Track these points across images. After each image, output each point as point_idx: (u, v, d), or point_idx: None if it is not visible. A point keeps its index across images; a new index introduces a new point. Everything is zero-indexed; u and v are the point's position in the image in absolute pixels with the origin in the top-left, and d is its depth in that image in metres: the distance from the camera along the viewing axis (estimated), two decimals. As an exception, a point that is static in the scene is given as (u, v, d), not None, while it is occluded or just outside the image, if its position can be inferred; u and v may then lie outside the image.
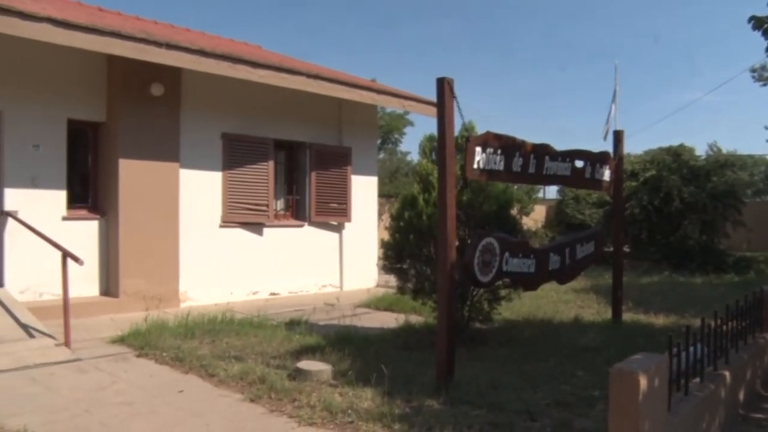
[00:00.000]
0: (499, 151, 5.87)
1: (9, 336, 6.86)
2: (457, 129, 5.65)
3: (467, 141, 5.57)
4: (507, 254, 5.84)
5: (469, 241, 5.80)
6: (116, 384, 5.58)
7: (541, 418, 4.59)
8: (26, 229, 8.20)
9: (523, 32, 68.08)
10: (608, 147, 8.53)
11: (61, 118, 9.09)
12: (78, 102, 9.25)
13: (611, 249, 8.87)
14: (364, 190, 12.68)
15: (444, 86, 5.36)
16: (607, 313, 8.82)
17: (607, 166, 8.01)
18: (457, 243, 5.63)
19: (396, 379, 5.31)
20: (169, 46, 8.72)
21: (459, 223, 5.66)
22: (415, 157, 34.32)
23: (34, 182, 8.77)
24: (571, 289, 11.08)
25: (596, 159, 7.76)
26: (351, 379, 5.35)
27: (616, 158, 8.29)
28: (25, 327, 7.15)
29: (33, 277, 8.61)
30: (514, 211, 7.80)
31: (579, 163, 7.39)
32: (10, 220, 8.49)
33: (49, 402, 5.09)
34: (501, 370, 5.93)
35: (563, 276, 7.12)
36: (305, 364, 5.65)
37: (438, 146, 5.51)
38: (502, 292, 7.39)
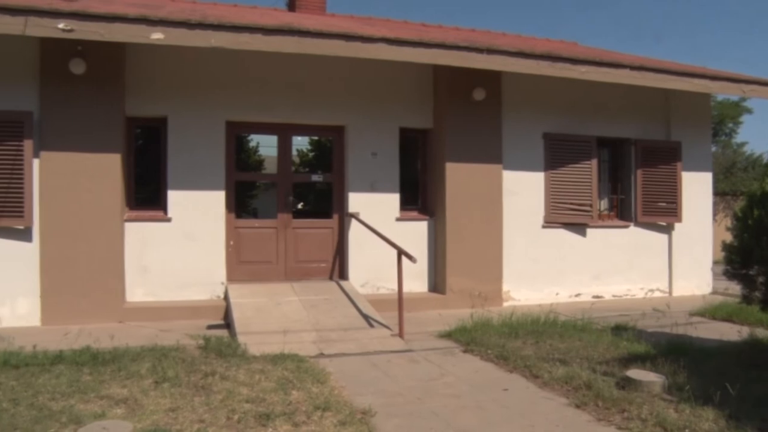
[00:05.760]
0: None
1: (354, 324, 7.69)
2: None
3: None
4: None
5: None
6: (444, 377, 5.86)
7: None
8: (366, 229, 9.12)
9: None
10: None
11: (393, 128, 9.92)
12: (408, 111, 9.99)
13: None
14: (696, 188, 11.55)
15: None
16: None
17: None
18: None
19: (743, 401, 4.71)
20: (490, 51, 8.94)
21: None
22: (755, 148, 30.46)
23: (372, 187, 9.70)
24: None
25: None
26: (688, 394, 4.86)
27: None
28: (366, 317, 7.94)
29: (371, 272, 9.54)
30: None
31: None
32: (353, 221, 9.51)
33: (386, 387, 5.53)
34: None
35: None
36: (635, 373, 5.31)
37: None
38: None
